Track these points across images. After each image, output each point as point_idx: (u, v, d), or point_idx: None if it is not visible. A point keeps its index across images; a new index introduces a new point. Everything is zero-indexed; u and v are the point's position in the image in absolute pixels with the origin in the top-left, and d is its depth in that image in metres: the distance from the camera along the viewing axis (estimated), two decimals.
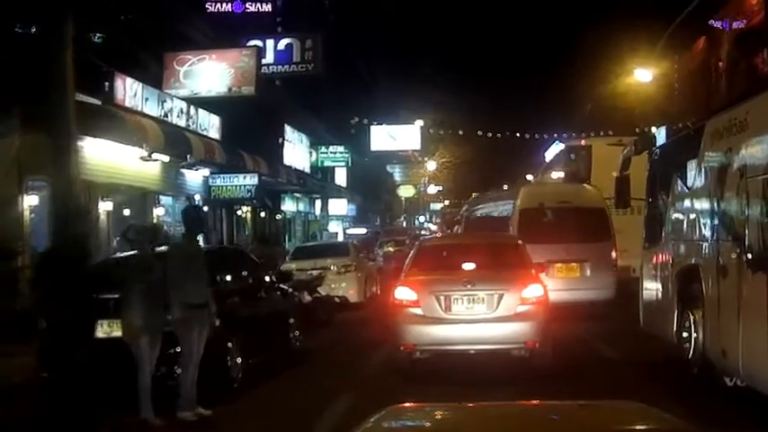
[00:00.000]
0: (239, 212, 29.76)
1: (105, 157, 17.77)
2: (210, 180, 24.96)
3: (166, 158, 20.43)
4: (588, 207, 16.27)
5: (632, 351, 11.26)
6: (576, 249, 15.36)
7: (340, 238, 42.24)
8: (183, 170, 23.35)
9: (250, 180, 24.77)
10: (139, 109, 18.76)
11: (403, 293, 10.24)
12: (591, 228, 15.62)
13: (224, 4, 26.22)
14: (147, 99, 19.17)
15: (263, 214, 32.77)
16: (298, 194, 37.08)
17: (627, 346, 11.63)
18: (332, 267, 20.50)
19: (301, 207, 39.87)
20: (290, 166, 32.36)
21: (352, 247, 22.21)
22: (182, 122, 21.43)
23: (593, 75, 36.82)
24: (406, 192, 63.94)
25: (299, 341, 12.76)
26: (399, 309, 10.15)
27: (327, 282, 19.76)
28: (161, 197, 22.59)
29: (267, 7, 26.47)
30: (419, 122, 51.15)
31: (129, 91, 18.24)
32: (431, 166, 64.03)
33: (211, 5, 26.01)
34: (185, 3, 23.42)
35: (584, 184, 19.13)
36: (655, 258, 10.51)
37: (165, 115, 20.30)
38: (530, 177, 43.59)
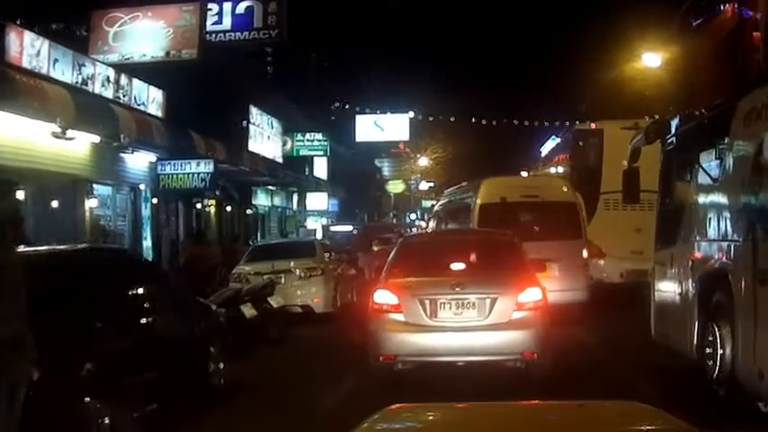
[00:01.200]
0: (198, 206, 26.09)
1: (5, 132, 14.20)
2: (159, 167, 21.34)
3: (93, 138, 16.82)
4: (557, 202, 15.27)
5: (645, 365, 9.87)
6: (542, 248, 13.72)
7: (319, 236, 39.08)
8: (124, 154, 19.73)
9: (204, 167, 21.15)
10: (44, 72, 15.06)
11: (382, 297, 9.34)
12: (559, 225, 14.73)
13: None
14: (56, 61, 15.46)
15: (229, 209, 29.14)
16: (271, 187, 33.46)
17: (639, 359, 10.20)
18: (294, 270, 16.98)
19: (277, 201, 36.27)
20: (256, 154, 28.63)
21: (319, 247, 18.66)
22: (108, 93, 17.74)
23: (597, 61, 34.75)
24: (395, 187, 61.01)
25: (221, 376, 9.22)
26: (378, 314, 9.27)
27: (288, 288, 16.52)
28: (95, 186, 18.98)
29: None
30: (410, 113, 47.89)
31: (30, 49, 14.55)
32: (422, 161, 61.93)
33: None
34: None
35: (554, 177, 18.44)
36: (670, 261, 9.59)
37: (84, 83, 16.61)
38: (524, 174, 40.95)
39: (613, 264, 17.24)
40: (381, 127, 44.29)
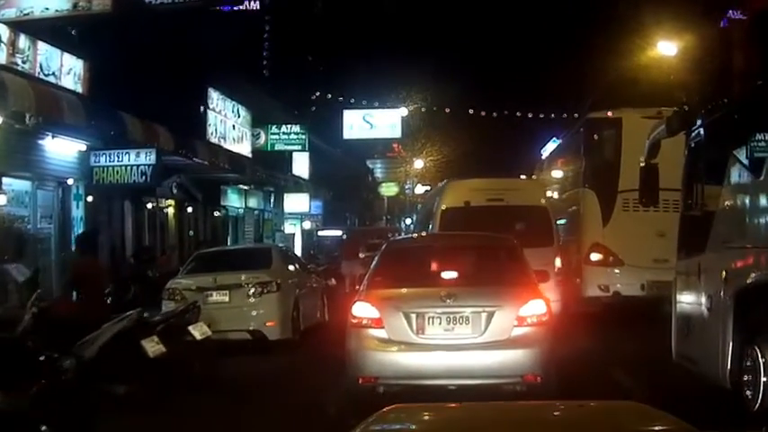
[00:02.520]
0: (150, 206, 22.41)
1: None
2: (93, 158, 17.68)
3: None
4: (526, 206, 14.64)
5: (666, 392, 7.96)
6: None
7: (298, 241, 35.49)
8: (43, 140, 16.08)
9: (145, 158, 17.47)
10: None
11: (362, 310, 8.41)
12: (528, 231, 13.59)
13: None
14: None
15: (190, 209, 25.48)
16: (244, 186, 29.81)
17: (659, 385, 8.68)
18: (243, 286, 13.45)
19: (253, 203, 32.63)
20: (217, 146, 24.86)
21: (278, 255, 14.99)
22: None
23: (607, 49, 31.54)
24: (388, 190, 57.68)
25: None
26: (357, 330, 8.37)
27: (234, 308, 13.40)
28: (4, 179, 15.36)
29: None
30: (403, 110, 44.83)
31: None
32: (418, 164, 58.76)
33: None
34: None
35: (524, 179, 17.77)
36: (697, 271, 8.51)
37: None
38: (523, 177, 38.64)
39: (633, 274, 15.30)
40: (371, 123, 40.81)
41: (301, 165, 36.45)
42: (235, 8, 24.54)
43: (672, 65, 23.00)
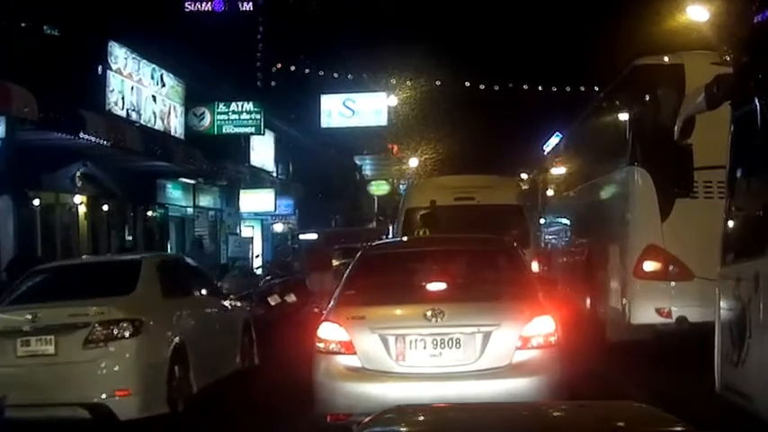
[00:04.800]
0: (37, 203, 16.76)
1: None
2: None
3: None
4: (497, 205, 13.96)
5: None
6: None
7: (258, 248, 29.85)
8: None
9: None
10: None
11: (329, 333, 7.24)
12: (500, 233, 11.40)
13: None
14: None
15: (105, 208, 19.86)
16: (188, 180, 24.20)
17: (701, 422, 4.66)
18: (80, 326, 8.11)
19: (206, 201, 27.06)
20: (122, 120, 19.10)
21: (149, 272, 9.18)
22: None
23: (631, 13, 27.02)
24: (378, 189, 51.79)
25: None
26: (324, 357, 7.22)
27: (63, 364, 8.14)
28: None
29: None
30: (392, 98, 40.26)
31: None
32: (413, 162, 54.48)
33: None
34: None
35: (496, 176, 17.46)
36: (754, 280, 6.85)
37: None
38: (525, 176, 36.69)
39: (707, 291, 10.24)
40: (353, 109, 35.61)
41: (263, 154, 30.77)
42: None
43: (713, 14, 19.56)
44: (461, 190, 14.54)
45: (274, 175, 33.26)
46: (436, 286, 8.00)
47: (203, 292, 10.49)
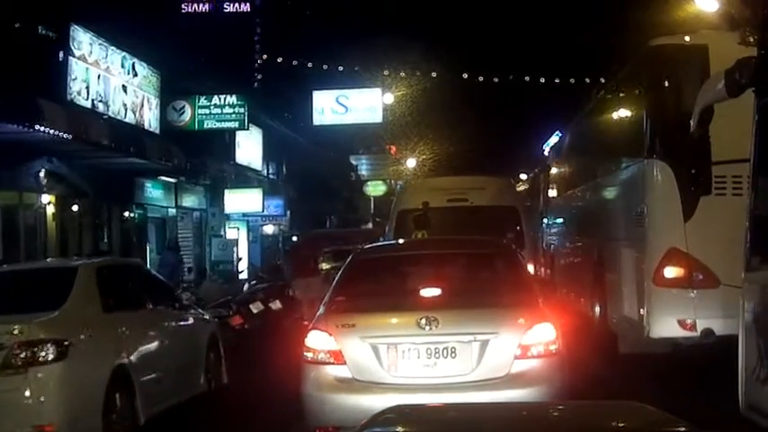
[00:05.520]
0: None
1: None
2: None
3: None
4: (492, 206, 14.02)
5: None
6: None
7: (243, 251, 28.44)
8: None
9: None
10: None
11: (317, 341, 6.93)
12: (495, 234, 11.76)
13: None
14: None
15: (75, 208, 18.44)
16: (169, 178, 22.78)
17: None
18: None
19: (190, 201, 25.66)
20: (97, 113, 17.47)
21: (85, 282, 7.73)
22: None
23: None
24: (375, 189, 51.29)
25: None
26: (312, 367, 6.90)
27: None
28: None
29: None
30: (388, 95, 39.28)
31: None
32: (411, 162, 53.30)
33: None
34: None
35: (491, 177, 16.87)
36: None
37: None
38: (524, 176, 37.18)
39: (736, 299, 9.01)
40: (346, 106, 34.36)
41: (250, 152, 29.35)
42: None
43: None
44: (454, 191, 14.54)
45: (264, 174, 31.87)
46: (430, 292, 7.67)
47: (159, 303, 9.11)
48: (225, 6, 27.96)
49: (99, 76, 17.75)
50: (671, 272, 9.87)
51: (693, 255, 9.75)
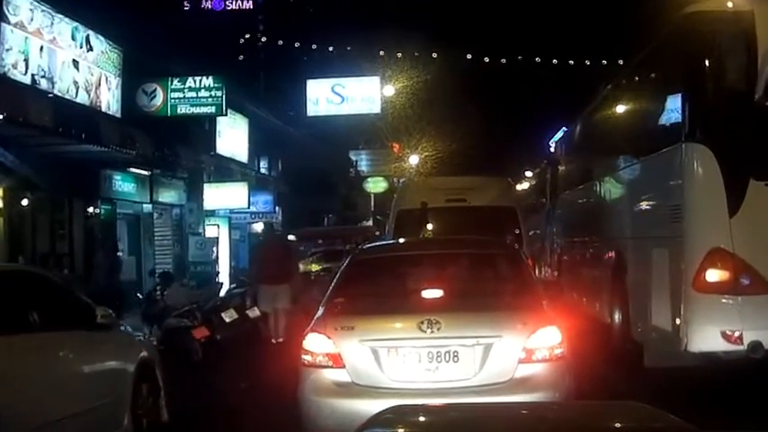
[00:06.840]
0: None
1: None
2: None
3: None
4: (491, 207, 14.08)
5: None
6: None
7: (224, 250, 26.41)
8: None
9: None
10: None
11: (315, 344, 6.85)
12: (494, 235, 11.73)
13: None
14: None
15: (25, 202, 16.41)
16: (142, 171, 20.74)
17: None
18: None
19: (169, 197, 23.64)
20: (40, 90, 15.16)
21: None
22: None
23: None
24: (375, 186, 50.11)
25: None
26: (310, 371, 6.84)
27: None
28: None
29: None
30: (388, 87, 37.73)
31: None
32: (413, 159, 51.98)
33: None
34: None
35: (489, 177, 17.26)
36: None
37: None
38: (529, 174, 36.62)
39: None
40: (342, 96, 32.61)
41: (233, 143, 27.27)
42: None
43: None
44: (453, 191, 14.63)
45: (251, 167, 29.91)
46: (432, 293, 7.60)
47: (58, 324, 7.00)
48: None
49: (42, 48, 15.43)
50: (714, 275, 8.61)
51: (740, 255, 8.56)
